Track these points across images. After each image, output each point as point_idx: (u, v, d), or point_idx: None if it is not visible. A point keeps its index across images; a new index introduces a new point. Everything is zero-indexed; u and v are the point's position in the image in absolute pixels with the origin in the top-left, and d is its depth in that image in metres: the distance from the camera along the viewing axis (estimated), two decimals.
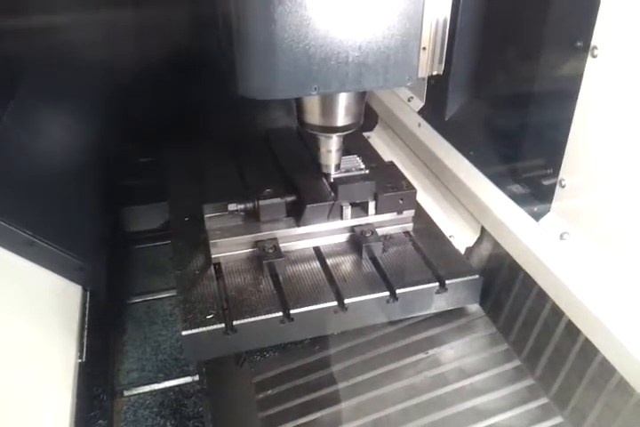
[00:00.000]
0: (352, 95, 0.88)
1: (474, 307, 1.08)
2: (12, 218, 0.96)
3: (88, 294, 1.13)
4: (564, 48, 0.86)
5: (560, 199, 0.90)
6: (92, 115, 1.35)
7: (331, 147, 0.97)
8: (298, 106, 0.92)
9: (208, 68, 1.42)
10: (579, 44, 0.81)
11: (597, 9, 0.75)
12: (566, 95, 0.83)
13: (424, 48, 0.79)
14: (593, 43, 0.77)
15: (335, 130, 0.93)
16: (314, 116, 0.91)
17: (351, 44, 0.73)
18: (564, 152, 0.86)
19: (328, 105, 0.89)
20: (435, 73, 0.85)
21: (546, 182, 0.93)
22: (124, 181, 1.54)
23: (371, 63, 0.75)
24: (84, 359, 1.01)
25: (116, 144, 1.45)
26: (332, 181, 1.03)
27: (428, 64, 0.82)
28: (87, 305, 1.11)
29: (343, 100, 0.88)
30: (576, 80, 0.81)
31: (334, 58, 0.73)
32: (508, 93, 1.06)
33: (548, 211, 0.92)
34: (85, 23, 1.33)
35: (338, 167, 1.02)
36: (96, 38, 1.34)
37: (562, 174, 0.87)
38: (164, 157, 1.41)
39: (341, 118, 0.91)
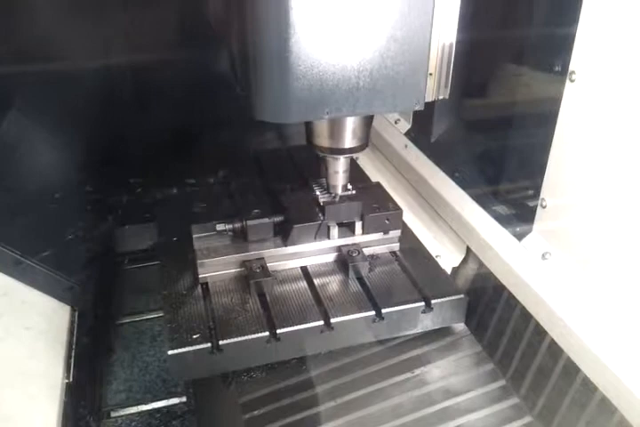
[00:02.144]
0: (359, 118, 0.91)
1: (459, 326, 1.09)
2: None
3: (76, 313, 1.13)
4: (544, 72, 0.89)
5: (541, 220, 0.91)
6: (83, 134, 1.36)
7: (338, 168, 0.99)
8: (307, 128, 0.95)
9: (200, 90, 1.44)
10: (557, 68, 0.84)
11: (575, 35, 0.77)
12: (546, 118, 0.85)
13: (430, 73, 0.82)
14: (571, 67, 0.79)
15: (343, 151, 0.95)
16: (322, 138, 0.93)
17: (362, 71, 0.75)
18: (544, 173, 0.88)
19: (336, 128, 0.91)
20: (441, 97, 0.87)
21: (527, 203, 0.95)
22: (114, 201, 1.54)
23: (380, 88, 0.77)
24: (70, 380, 1.01)
25: (106, 164, 1.46)
26: (337, 200, 1.04)
27: (434, 89, 0.85)
28: (75, 325, 1.10)
29: (351, 124, 0.91)
30: (555, 103, 0.83)
31: (346, 83, 0.76)
32: (491, 116, 1.08)
33: (530, 231, 0.94)
34: (78, 48, 1.34)
35: (345, 188, 1.03)
36: (88, 56, 1.36)
37: (543, 195, 0.89)
38: (154, 178, 1.42)
39: (349, 141, 0.93)
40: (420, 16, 0.74)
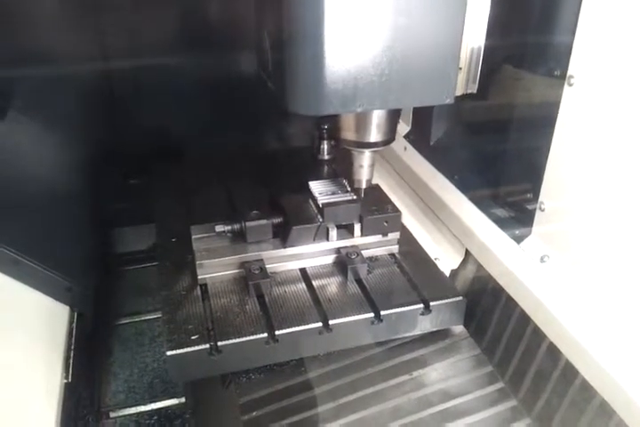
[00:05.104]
0: (387, 112, 0.91)
1: (458, 328, 1.09)
2: None
3: (75, 314, 1.13)
4: (544, 77, 0.89)
5: (540, 223, 0.92)
6: (82, 135, 1.36)
7: (363, 162, 0.99)
8: (334, 122, 0.95)
9: (198, 90, 1.45)
10: (556, 72, 0.84)
11: (573, 40, 0.78)
12: (545, 122, 0.86)
13: (460, 68, 0.82)
14: (569, 72, 0.79)
15: (368, 145, 0.95)
16: (348, 132, 0.94)
17: (395, 63, 0.76)
18: (543, 177, 0.88)
19: (362, 122, 0.91)
20: (469, 91, 0.87)
21: (526, 206, 0.95)
22: (113, 202, 1.55)
23: (412, 83, 0.78)
24: (70, 380, 1.01)
25: (105, 164, 1.46)
26: (359, 195, 1.05)
27: (463, 83, 0.85)
28: (74, 326, 1.11)
29: (377, 118, 0.91)
30: (554, 107, 0.83)
31: (379, 77, 0.76)
32: (490, 119, 1.08)
33: (529, 234, 0.94)
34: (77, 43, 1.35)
35: (369, 182, 1.03)
36: (89, 54, 1.36)
37: (541, 198, 0.89)
38: (153, 179, 1.42)
39: (374, 135, 0.93)
40: (453, 9, 0.74)
